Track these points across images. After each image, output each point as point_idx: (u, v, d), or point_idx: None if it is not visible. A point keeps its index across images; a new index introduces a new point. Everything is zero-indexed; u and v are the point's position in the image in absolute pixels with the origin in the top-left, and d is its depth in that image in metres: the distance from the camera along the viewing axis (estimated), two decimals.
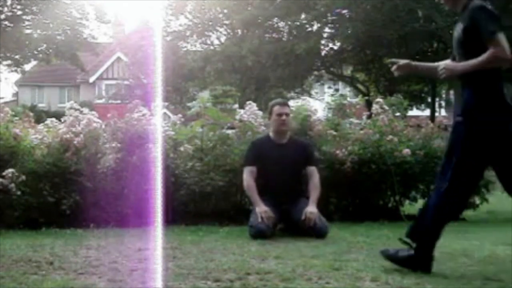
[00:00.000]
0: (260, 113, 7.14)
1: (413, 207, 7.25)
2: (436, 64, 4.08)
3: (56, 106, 41.94)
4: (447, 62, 3.99)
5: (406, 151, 6.83)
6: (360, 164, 6.83)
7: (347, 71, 36.49)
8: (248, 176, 5.76)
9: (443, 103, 39.15)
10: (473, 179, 3.96)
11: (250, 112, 7.07)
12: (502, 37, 3.59)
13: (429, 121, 7.90)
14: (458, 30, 3.88)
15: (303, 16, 29.56)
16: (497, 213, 7.56)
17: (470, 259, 4.36)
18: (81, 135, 6.54)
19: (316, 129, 7.00)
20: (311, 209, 5.51)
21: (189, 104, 7.93)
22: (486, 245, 5.04)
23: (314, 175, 5.80)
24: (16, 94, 47.62)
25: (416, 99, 34.88)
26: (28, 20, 28.80)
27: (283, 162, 5.68)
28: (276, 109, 5.81)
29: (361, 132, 7.09)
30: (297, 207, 5.61)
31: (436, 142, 7.12)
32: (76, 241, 5.13)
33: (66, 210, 6.18)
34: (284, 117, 5.75)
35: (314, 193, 5.68)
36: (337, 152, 6.81)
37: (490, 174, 7.02)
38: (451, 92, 33.06)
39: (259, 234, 5.31)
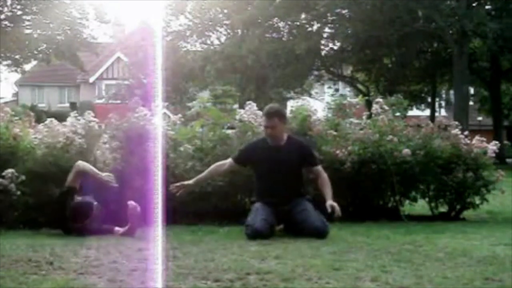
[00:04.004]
0: (260, 113, 7.11)
1: (413, 207, 7.25)
2: None
3: (56, 106, 41.95)
4: None
5: (406, 151, 6.82)
6: (360, 164, 6.82)
7: (347, 71, 36.50)
8: (223, 164, 5.95)
9: (443, 103, 39.18)
10: None
11: (250, 112, 7.06)
12: None
13: (429, 121, 7.88)
14: None
15: (303, 16, 29.59)
16: (497, 213, 7.55)
17: (470, 259, 4.35)
18: (81, 135, 6.55)
19: (316, 129, 6.99)
20: (332, 202, 5.56)
21: (189, 104, 7.93)
22: (486, 245, 5.04)
23: (321, 173, 5.84)
24: (16, 94, 47.65)
25: (416, 99, 34.92)
26: (28, 20, 28.80)
27: (278, 164, 5.67)
28: (263, 120, 5.94)
29: (361, 132, 7.08)
30: (298, 208, 5.61)
31: (436, 142, 7.11)
32: (76, 241, 5.13)
33: None
34: (269, 130, 5.78)
35: (327, 190, 5.71)
36: (337, 152, 6.80)
37: (490, 174, 7.06)
38: (451, 92, 33.05)
39: (255, 234, 5.30)
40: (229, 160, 5.97)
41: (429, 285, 3.58)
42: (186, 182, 5.89)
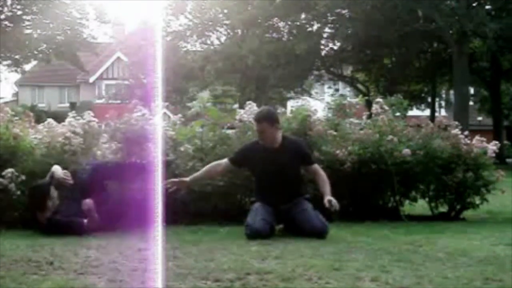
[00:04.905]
0: None
1: (413, 207, 7.25)
2: None
3: (56, 106, 42.00)
4: None
5: (406, 151, 6.82)
6: (360, 164, 6.81)
7: (347, 71, 36.52)
8: (219, 165, 5.93)
9: (443, 103, 39.20)
10: None
11: (250, 112, 7.06)
12: None
13: (429, 121, 7.88)
14: None
15: (303, 16, 29.61)
16: (497, 213, 7.55)
17: (470, 259, 4.35)
18: (81, 135, 6.55)
19: (316, 129, 6.99)
20: (329, 197, 5.53)
21: (189, 104, 7.92)
22: (486, 245, 5.04)
23: (318, 171, 5.84)
24: (16, 94, 47.68)
25: (416, 99, 34.93)
26: (28, 20, 28.82)
27: (275, 166, 5.65)
28: (255, 124, 5.90)
29: (361, 132, 7.08)
30: (298, 208, 5.61)
31: (436, 142, 7.11)
32: (76, 241, 5.13)
33: None
34: (259, 134, 5.78)
35: (325, 187, 5.69)
36: (337, 152, 6.80)
37: (490, 174, 7.06)
38: (451, 92, 33.06)
39: (255, 234, 5.30)
40: (225, 161, 5.96)
41: (429, 285, 3.58)
42: (182, 179, 5.88)
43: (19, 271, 3.88)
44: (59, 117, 7.00)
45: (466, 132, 7.29)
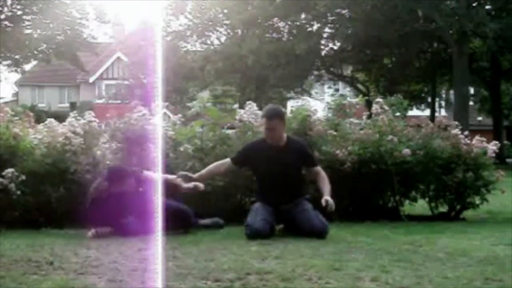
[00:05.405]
0: (260, 113, 7.12)
1: (413, 207, 7.25)
2: None
3: (56, 106, 42.02)
4: None
5: (406, 151, 6.82)
6: (360, 164, 6.82)
7: (347, 71, 36.53)
8: (223, 164, 5.92)
9: (443, 103, 39.21)
10: None
11: (250, 112, 7.06)
12: None
13: (429, 121, 7.88)
14: None
15: (303, 16, 29.61)
16: (497, 213, 7.55)
17: (470, 259, 4.35)
18: (81, 135, 6.55)
19: (316, 129, 6.99)
20: (327, 197, 5.54)
21: (189, 104, 7.92)
22: (486, 245, 5.04)
23: (320, 172, 5.85)
24: (16, 94, 47.69)
25: (416, 99, 34.94)
26: (28, 20, 28.82)
27: (278, 165, 5.65)
28: (264, 121, 5.76)
29: (361, 132, 7.08)
30: (298, 208, 5.61)
31: (436, 142, 7.11)
32: (76, 241, 5.14)
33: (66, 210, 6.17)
34: (270, 131, 5.69)
35: (325, 187, 5.70)
36: (337, 152, 6.80)
37: (490, 174, 7.06)
38: (451, 92, 33.06)
39: (255, 234, 5.30)
40: (227, 161, 5.96)
41: (429, 285, 3.58)
42: (188, 174, 5.84)
43: (19, 271, 3.88)
44: (59, 117, 7.02)
45: (466, 132, 7.29)
